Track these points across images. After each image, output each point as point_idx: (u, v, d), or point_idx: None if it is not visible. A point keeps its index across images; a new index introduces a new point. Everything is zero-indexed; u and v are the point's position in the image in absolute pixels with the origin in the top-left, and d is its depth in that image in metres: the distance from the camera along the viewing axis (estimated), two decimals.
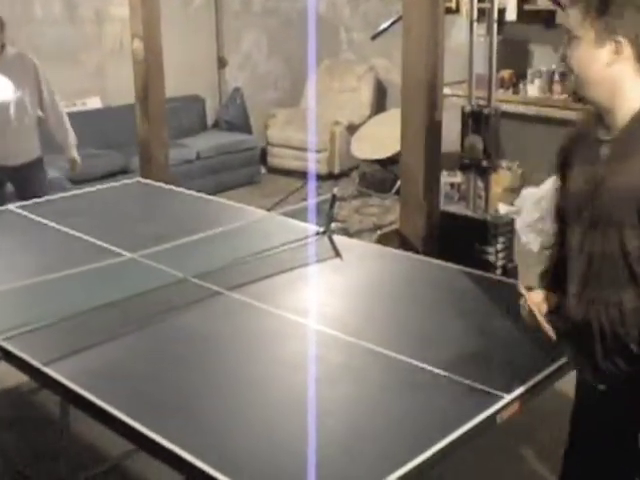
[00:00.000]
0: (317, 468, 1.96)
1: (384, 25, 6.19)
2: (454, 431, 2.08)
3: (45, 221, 3.96)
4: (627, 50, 2.00)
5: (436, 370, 2.44)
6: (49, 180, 5.19)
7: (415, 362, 2.49)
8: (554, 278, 2.35)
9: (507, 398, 2.26)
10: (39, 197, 4.49)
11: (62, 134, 4.90)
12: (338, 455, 2.07)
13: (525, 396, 2.32)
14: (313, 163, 7.95)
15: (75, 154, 5.00)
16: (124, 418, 2.20)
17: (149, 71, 5.12)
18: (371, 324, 2.88)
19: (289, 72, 8.93)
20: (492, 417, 2.20)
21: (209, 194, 4.77)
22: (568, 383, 2.86)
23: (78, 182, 5.15)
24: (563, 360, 2.48)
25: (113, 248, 3.48)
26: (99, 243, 3.59)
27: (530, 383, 2.35)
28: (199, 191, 4.67)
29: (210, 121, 8.46)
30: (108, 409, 2.24)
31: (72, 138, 4.98)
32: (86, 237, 3.68)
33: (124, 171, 6.71)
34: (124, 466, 3.28)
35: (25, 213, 4.11)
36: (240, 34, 8.60)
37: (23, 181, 4.79)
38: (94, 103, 7.30)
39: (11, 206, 4.28)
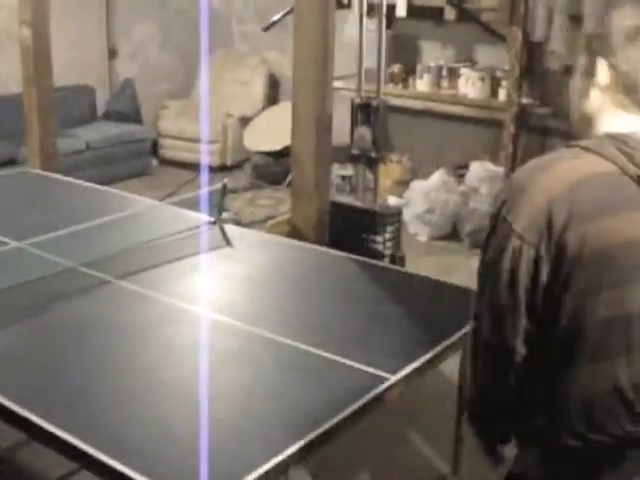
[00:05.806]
0: (208, 453, 1.98)
1: (276, 17, 6.23)
2: (342, 411, 2.15)
3: None
4: None
5: (325, 354, 2.50)
6: None
7: (305, 347, 2.55)
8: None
9: (392, 379, 2.35)
10: None
11: None
12: (229, 439, 2.10)
13: (410, 377, 2.41)
14: (205, 155, 7.92)
15: None
16: (14, 407, 2.17)
17: (37, 59, 5.01)
18: (262, 311, 2.92)
19: (181, 64, 8.86)
20: (379, 397, 2.28)
21: (99, 185, 4.71)
22: (451, 366, 2.99)
23: None
24: (445, 343, 2.59)
25: None
26: None
27: (415, 365, 2.44)
28: (89, 182, 4.61)
29: (100, 112, 8.33)
30: None
31: None
32: None
33: (12, 161, 6.55)
34: (15, 457, 3.23)
35: None
36: (131, 25, 8.49)
37: None
38: None
39: None
